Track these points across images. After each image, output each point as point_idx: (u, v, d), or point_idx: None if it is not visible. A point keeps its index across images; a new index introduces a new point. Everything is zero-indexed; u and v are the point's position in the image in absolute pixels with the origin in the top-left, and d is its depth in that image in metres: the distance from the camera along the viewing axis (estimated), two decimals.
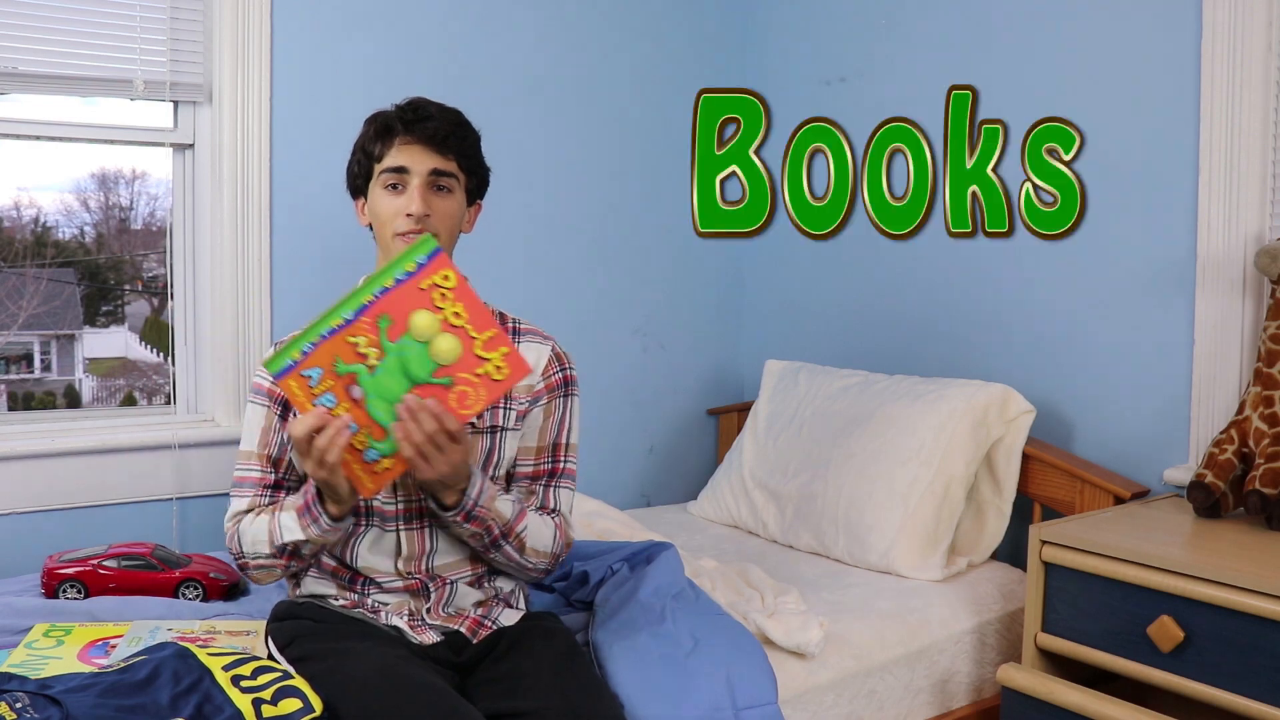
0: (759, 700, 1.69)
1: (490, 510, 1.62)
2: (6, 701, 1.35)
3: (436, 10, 2.70)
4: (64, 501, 2.33)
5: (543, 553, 1.71)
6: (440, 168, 1.67)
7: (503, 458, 1.74)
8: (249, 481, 1.71)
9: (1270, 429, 1.99)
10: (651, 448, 3.15)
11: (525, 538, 1.67)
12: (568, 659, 1.65)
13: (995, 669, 2.12)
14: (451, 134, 1.68)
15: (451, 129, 1.68)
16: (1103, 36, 2.40)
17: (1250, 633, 1.71)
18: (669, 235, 3.12)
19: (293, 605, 1.73)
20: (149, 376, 2.73)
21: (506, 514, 1.65)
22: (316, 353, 1.46)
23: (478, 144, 1.74)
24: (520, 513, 1.67)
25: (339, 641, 1.60)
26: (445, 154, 1.67)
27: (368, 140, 1.71)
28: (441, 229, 1.66)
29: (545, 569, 1.75)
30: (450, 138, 1.67)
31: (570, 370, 1.81)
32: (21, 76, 2.26)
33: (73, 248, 2.61)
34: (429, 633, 1.68)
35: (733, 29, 3.20)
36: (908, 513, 2.34)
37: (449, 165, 1.68)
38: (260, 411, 1.73)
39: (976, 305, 2.67)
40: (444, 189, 1.68)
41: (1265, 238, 2.17)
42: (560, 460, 1.79)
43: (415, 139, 1.66)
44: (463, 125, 1.71)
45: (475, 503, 1.60)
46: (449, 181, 1.68)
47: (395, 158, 1.67)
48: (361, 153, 1.72)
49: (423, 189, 1.65)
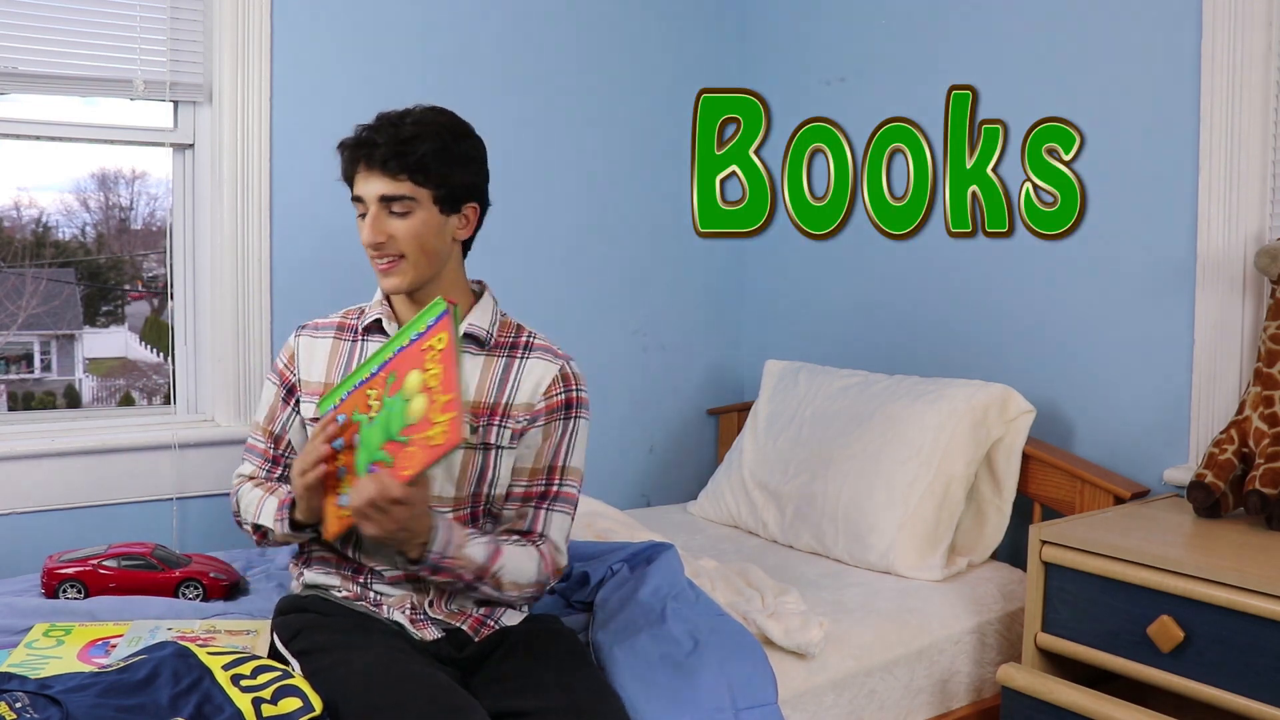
0: (759, 700, 1.69)
1: (459, 559, 1.60)
2: (6, 701, 1.35)
3: (436, 10, 2.70)
4: (64, 501, 2.33)
5: (524, 584, 1.68)
6: (389, 192, 1.63)
7: (498, 476, 1.71)
8: (256, 450, 1.82)
9: (1270, 429, 1.99)
10: (651, 448, 3.15)
11: (502, 576, 1.64)
12: (572, 659, 1.65)
13: (995, 669, 2.12)
14: (395, 155, 1.62)
15: (397, 149, 1.62)
16: (1103, 36, 2.40)
17: (1250, 633, 1.71)
18: (669, 235, 3.12)
19: (296, 599, 1.74)
20: (149, 376, 2.73)
21: (478, 559, 1.62)
22: (348, 400, 1.61)
23: (439, 153, 1.65)
24: (495, 552, 1.64)
25: (343, 635, 1.60)
26: (394, 176, 1.63)
27: (342, 168, 1.72)
28: (407, 249, 1.65)
29: (531, 597, 1.73)
30: (393, 160, 1.62)
31: (577, 392, 1.75)
32: (21, 76, 2.26)
33: (73, 248, 2.61)
34: (430, 628, 1.68)
35: (733, 29, 3.20)
36: (908, 513, 2.34)
37: (399, 188, 1.63)
38: (271, 389, 1.82)
39: (976, 305, 2.67)
40: (398, 213, 1.64)
41: (1265, 238, 2.17)
42: (555, 484, 1.73)
43: (364, 166, 1.66)
44: (413, 140, 1.63)
45: (442, 555, 1.59)
46: (403, 204, 1.64)
47: (357, 186, 1.68)
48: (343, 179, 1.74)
49: (377, 216, 1.64)
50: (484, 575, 1.63)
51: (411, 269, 1.67)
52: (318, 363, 1.79)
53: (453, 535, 1.60)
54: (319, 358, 1.79)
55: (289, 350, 1.82)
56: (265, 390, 1.84)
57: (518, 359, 1.75)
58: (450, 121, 1.70)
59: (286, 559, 2.22)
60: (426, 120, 1.67)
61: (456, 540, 1.60)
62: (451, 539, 1.59)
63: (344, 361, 1.77)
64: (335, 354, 1.78)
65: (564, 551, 1.75)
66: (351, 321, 1.81)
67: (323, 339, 1.81)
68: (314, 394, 1.77)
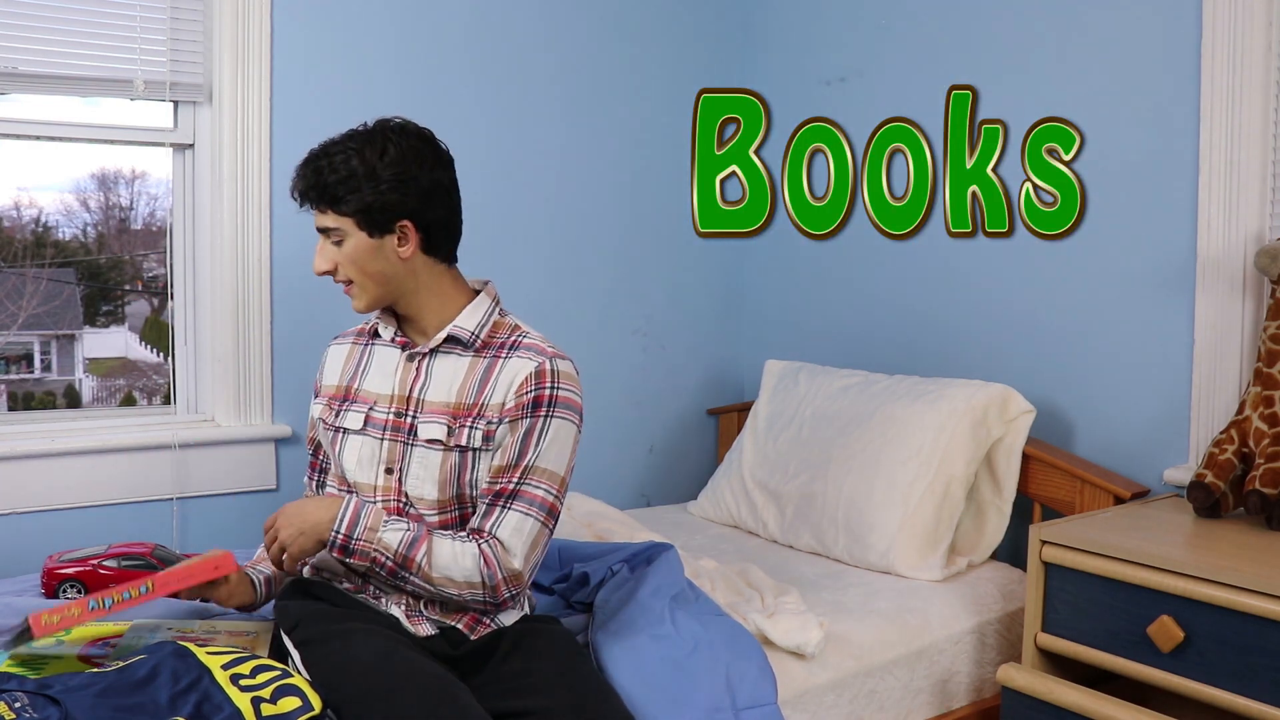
0: (759, 701, 1.69)
1: (373, 543, 1.63)
2: (6, 701, 1.35)
3: (436, 10, 2.70)
4: (64, 501, 2.33)
5: (460, 581, 1.63)
6: (321, 224, 1.71)
7: (476, 478, 1.70)
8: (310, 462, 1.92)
9: (1270, 429, 1.99)
10: (651, 448, 3.15)
11: (429, 569, 1.62)
12: (573, 659, 1.65)
13: (995, 669, 2.12)
14: (308, 189, 1.69)
15: (313, 184, 1.68)
16: (1103, 36, 2.39)
17: (1250, 633, 1.71)
18: (669, 235, 3.12)
19: (300, 581, 1.76)
20: (149, 376, 2.73)
21: (392, 544, 1.63)
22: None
23: (347, 181, 1.65)
24: (417, 541, 1.63)
25: (342, 624, 1.61)
26: (320, 208, 1.70)
27: None
28: (350, 275, 1.71)
29: (480, 600, 1.65)
30: (308, 194, 1.69)
31: (553, 390, 1.68)
32: (21, 76, 2.26)
33: (73, 248, 2.61)
34: (425, 624, 1.69)
35: (733, 29, 3.20)
36: (908, 513, 2.34)
37: (325, 220, 1.70)
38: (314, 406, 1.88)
39: (976, 305, 2.67)
40: (335, 241, 1.70)
41: (1265, 238, 2.17)
42: (514, 481, 1.66)
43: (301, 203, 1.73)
44: (324, 172, 1.66)
45: (349, 537, 1.63)
46: (334, 234, 1.69)
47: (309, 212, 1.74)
48: None
49: (322, 247, 1.72)
50: (408, 565, 1.63)
51: (362, 291, 1.73)
52: (334, 367, 1.86)
53: (368, 520, 1.65)
54: (337, 361, 1.87)
55: (322, 360, 1.91)
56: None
57: (501, 359, 1.72)
58: (370, 144, 1.67)
59: None
60: (342, 148, 1.67)
61: (370, 524, 1.64)
62: (365, 524, 1.64)
63: (353, 365, 1.84)
64: (349, 358, 1.85)
65: (518, 555, 1.64)
66: (364, 327, 1.88)
67: (342, 344, 1.88)
68: (323, 396, 1.85)
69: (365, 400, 1.77)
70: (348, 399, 1.80)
